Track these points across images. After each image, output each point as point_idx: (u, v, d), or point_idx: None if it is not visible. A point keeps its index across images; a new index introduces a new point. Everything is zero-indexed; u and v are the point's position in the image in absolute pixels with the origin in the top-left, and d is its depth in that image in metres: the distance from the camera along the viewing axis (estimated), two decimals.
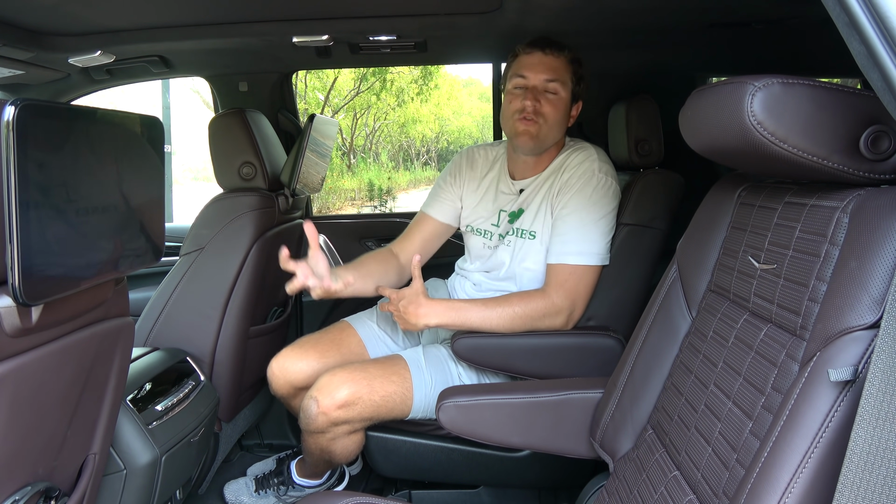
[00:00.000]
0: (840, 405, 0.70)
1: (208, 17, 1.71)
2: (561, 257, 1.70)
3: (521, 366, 1.70)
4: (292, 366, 1.82)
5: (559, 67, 1.72)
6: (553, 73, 1.72)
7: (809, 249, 0.85)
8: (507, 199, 1.85)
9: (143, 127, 1.10)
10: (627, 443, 1.22)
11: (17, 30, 1.63)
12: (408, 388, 1.69)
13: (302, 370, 1.81)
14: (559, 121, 1.74)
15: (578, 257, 1.69)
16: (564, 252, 1.69)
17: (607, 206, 1.72)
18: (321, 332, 1.95)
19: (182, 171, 14.91)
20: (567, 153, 1.79)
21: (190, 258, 1.93)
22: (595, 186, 1.71)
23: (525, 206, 1.81)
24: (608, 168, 1.76)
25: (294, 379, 1.82)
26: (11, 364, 0.91)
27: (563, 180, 1.75)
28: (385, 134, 16.14)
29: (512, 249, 1.80)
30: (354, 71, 11.86)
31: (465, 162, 1.96)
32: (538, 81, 1.72)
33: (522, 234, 1.80)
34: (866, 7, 0.66)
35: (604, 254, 1.73)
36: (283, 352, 1.86)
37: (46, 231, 0.87)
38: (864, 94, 0.79)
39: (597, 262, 1.71)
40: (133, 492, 1.43)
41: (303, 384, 1.80)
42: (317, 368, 1.80)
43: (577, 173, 1.73)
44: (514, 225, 1.81)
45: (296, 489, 2.01)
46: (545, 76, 1.71)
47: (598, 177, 1.72)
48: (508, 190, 1.85)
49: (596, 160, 1.75)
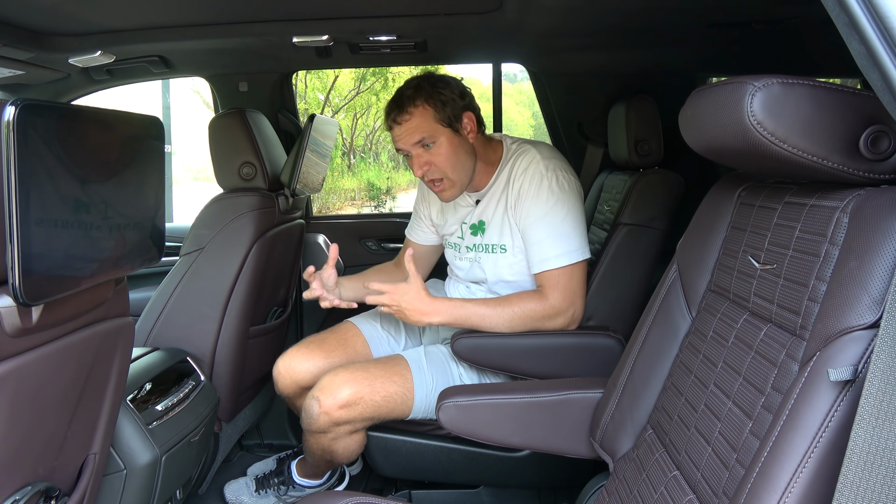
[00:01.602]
0: (840, 405, 0.70)
1: (208, 17, 1.71)
2: (544, 264, 1.69)
3: (521, 366, 1.70)
4: (298, 365, 1.83)
5: (418, 124, 1.69)
6: (416, 133, 1.69)
7: (809, 249, 0.85)
8: (466, 212, 1.86)
9: (144, 127, 1.10)
10: (627, 443, 1.22)
11: (18, 30, 1.63)
12: (409, 389, 1.69)
13: (308, 370, 1.82)
14: (457, 160, 1.72)
15: (559, 259, 1.68)
16: (545, 258, 1.69)
17: (568, 201, 1.70)
18: (327, 331, 1.95)
19: (182, 171, 14.90)
20: (511, 162, 1.77)
21: (190, 258, 1.93)
22: (549, 187, 1.69)
23: (485, 219, 1.81)
24: (556, 162, 1.74)
25: (300, 378, 1.82)
26: (11, 364, 0.91)
27: (515, 191, 1.73)
28: (385, 134, 16.13)
29: (485, 265, 1.81)
30: (354, 71, 11.85)
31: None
32: (411, 148, 1.71)
33: (493, 248, 1.79)
34: (866, 7, 0.66)
35: (583, 247, 1.72)
36: (290, 351, 1.87)
37: (47, 231, 0.87)
38: (864, 94, 0.79)
39: (579, 257, 1.70)
40: (133, 492, 1.43)
41: (308, 384, 1.81)
42: (322, 368, 1.80)
43: (526, 180, 1.72)
44: (481, 240, 1.82)
45: (296, 489, 2.01)
46: (412, 141, 1.70)
47: (548, 176, 1.70)
48: (465, 202, 1.87)
49: (540, 160, 1.72)
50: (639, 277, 1.82)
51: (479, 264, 1.82)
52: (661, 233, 1.85)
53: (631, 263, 1.80)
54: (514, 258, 1.76)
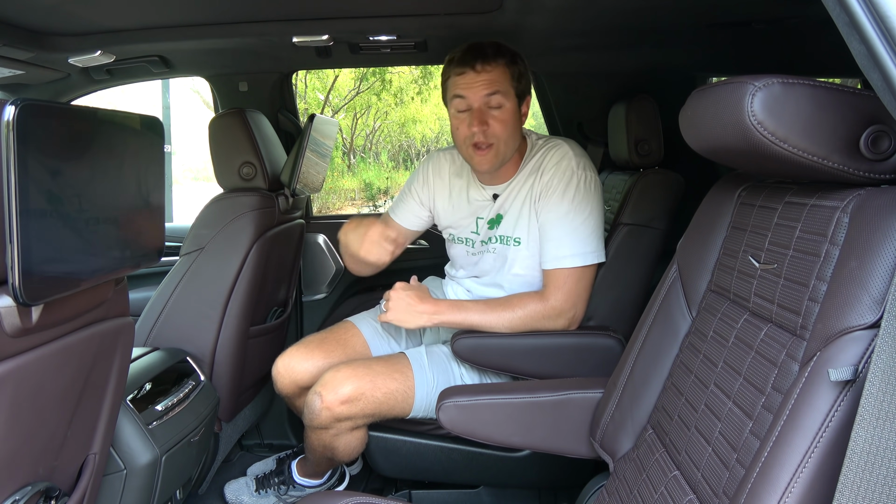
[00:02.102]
0: (840, 405, 0.70)
1: (208, 17, 1.71)
2: (557, 262, 1.68)
3: (521, 366, 1.70)
4: (298, 365, 1.82)
5: (497, 78, 1.63)
6: (492, 86, 1.63)
7: (809, 249, 0.85)
8: (482, 206, 1.81)
9: (143, 127, 1.10)
10: (627, 443, 1.22)
11: (18, 30, 1.63)
12: (410, 387, 1.69)
13: (307, 370, 1.81)
14: (512, 133, 1.67)
15: (574, 259, 1.67)
16: (560, 256, 1.68)
17: (592, 202, 1.69)
18: (326, 331, 1.94)
19: (182, 171, 14.90)
20: (542, 152, 1.74)
21: (190, 258, 1.93)
22: (577, 185, 1.67)
23: (503, 212, 1.77)
24: (585, 161, 1.72)
25: (299, 378, 1.82)
26: (11, 364, 0.91)
27: (543, 182, 1.70)
28: (385, 134, 16.13)
29: (497, 256, 1.78)
30: (354, 71, 11.85)
31: (432, 169, 1.90)
32: (479, 101, 1.63)
33: (506, 241, 1.76)
34: (866, 7, 0.66)
35: (599, 251, 1.71)
36: (289, 351, 1.86)
37: (47, 231, 0.87)
38: (864, 94, 0.79)
39: (593, 260, 1.69)
40: (133, 492, 1.43)
41: (307, 384, 1.81)
42: (322, 368, 1.79)
43: (556, 174, 1.68)
44: (495, 232, 1.78)
45: (296, 489, 2.01)
46: (485, 92, 1.63)
47: (578, 174, 1.68)
48: (481, 196, 1.81)
49: (573, 157, 1.70)
50: (639, 277, 1.82)
51: (491, 255, 1.79)
52: (662, 233, 1.85)
53: (631, 263, 1.80)
54: (528, 251, 1.74)
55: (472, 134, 1.65)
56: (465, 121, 1.66)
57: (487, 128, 1.64)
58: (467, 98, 1.64)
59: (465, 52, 1.65)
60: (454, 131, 1.70)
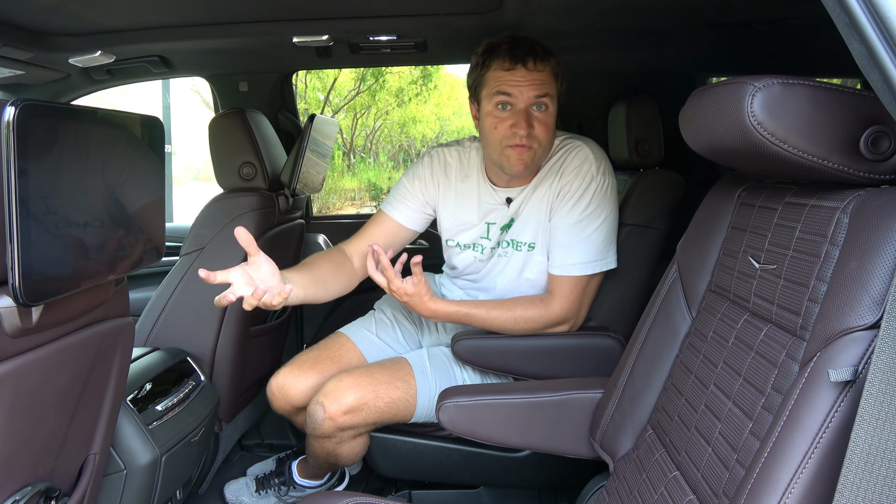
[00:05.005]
0: (840, 405, 0.70)
1: (208, 17, 1.71)
2: (565, 269, 1.64)
3: (521, 366, 1.70)
4: (291, 387, 1.75)
5: (547, 79, 1.53)
6: (543, 87, 1.53)
7: (809, 250, 0.84)
8: (494, 210, 1.72)
9: (144, 127, 1.10)
10: (627, 443, 1.22)
11: (18, 30, 1.63)
12: (412, 395, 1.67)
13: (301, 391, 1.75)
14: (551, 137, 1.60)
15: (583, 268, 1.64)
16: (569, 264, 1.63)
17: (608, 208, 1.65)
18: (318, 347, 1.85)
19: (182, 171, 14.90)
20: (561, 153, 1.66)
21: (190, 258, 1.93)
22: (594, 192, 1.62)
23: (517, 216, 1.70)
24: (606, 165, 1.67)
25: (294, 399, 1.76)
26: (11, 364, 0.91)
27: (561, 184, 1.64)
28: (385, 134, 16.14)
29: (509, 262, 1.73)
30: (354, 71, 11.86)
31: (438, 166, 1.78)
32: (527, 101, 1.53)
33: (519, 246, 1.70)
34: (866, 7, 0.66)
35: (609, 258, 1.67)
36: (282, 371, 1.77)
37: (47, 231, 0.87)
38: (864, 95, 0.79)
39: (602, 268, 1.66)
40: (133, 492, 1.43)
41: (303, 403, 1.75)
42: (316, 386, 1.73)
43: (577, 178, 1.62)
44: (507, 236, 1.71)
45: (297, 489, 2.01)
46: (535, 93, 1.52)
47: (598, 179, 1.63)
48: (493, 200, 1.71)
49: (594, 161, 1.63)
50: (639, 278, 1.82)
51: (501, 260, 1.73)
52: (662, 233, 1.85)
53: (631, 264, 1.80)
54: (542, 256, 1.69)
55: (512, 135, 1.54)
56: (505, 120, 1.55)
57: (532, 130, 1.54)
58: (514, 96, 1.53)
59: (513, 46, 1.52)
60: (489, 129, 1.58)
